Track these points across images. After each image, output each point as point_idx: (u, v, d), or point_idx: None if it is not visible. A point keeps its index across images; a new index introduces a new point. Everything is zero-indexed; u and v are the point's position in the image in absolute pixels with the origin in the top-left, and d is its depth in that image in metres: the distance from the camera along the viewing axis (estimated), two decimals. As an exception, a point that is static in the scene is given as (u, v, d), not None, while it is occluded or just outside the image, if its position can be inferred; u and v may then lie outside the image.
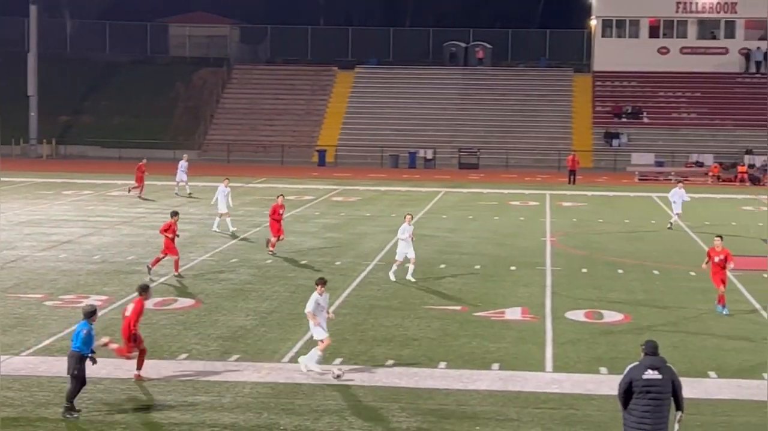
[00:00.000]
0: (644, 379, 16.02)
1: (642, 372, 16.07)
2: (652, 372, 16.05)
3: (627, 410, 16.19)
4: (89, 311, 20.13)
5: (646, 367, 16.10)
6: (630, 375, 16.17)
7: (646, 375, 16.03)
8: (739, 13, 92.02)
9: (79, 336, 19.62)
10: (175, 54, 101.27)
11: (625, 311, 28.92)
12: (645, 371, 16.07)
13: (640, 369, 16.14)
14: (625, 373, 16.29)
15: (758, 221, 50.70)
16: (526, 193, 62.58)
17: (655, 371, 16.07)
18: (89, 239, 41.39)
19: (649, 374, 16.04)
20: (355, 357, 23.94)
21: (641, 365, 16.19)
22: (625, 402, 16.19)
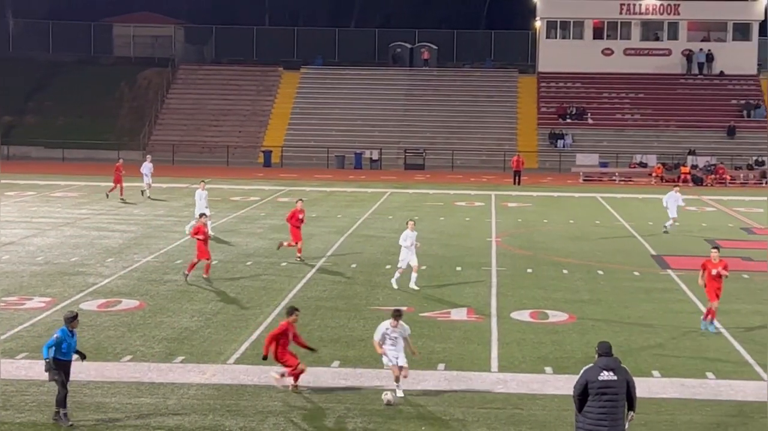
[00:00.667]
0: (600, 380, 15.97)
1: (597, 374, 16.03)
2: (608, 373, 16.02)
3: (582, 412, 16.11)
4: (69, 316, 19.59)
5: (601, 368, 16.06)
6: (585, 376, 16.12)
7: (601, 377, 15.99)
8: (681, 15, 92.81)
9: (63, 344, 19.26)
10: (119, 54, 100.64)
11: (569, 311, 29.07)
12: (600, 372, 16.03)
13: (595, 370, 16.10)
14: (580, 375, 16.25)
15: (701, 222, 51.15)
16: (472, 194, 62.76)
17: (610, 372, 16.03)
18: (32, 240, 41.04)
19: (605, 375, 16.00)
20: (301, 358, 23.84)
21: (596, 366, 16.15)
22: (581, 405, 16.13)
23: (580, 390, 16.11)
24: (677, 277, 34.96)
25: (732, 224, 50.66)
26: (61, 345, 19.16)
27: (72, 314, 19.70)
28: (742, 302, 31.06)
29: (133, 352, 24.14)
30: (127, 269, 34.86)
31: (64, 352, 19.19)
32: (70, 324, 19.38)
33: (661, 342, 25.86)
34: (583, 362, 23.73)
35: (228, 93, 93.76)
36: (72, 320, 19.48)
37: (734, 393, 21.78)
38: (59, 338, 19.15)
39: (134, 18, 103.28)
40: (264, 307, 29.21)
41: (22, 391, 21.01)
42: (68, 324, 19.36)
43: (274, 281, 33.10)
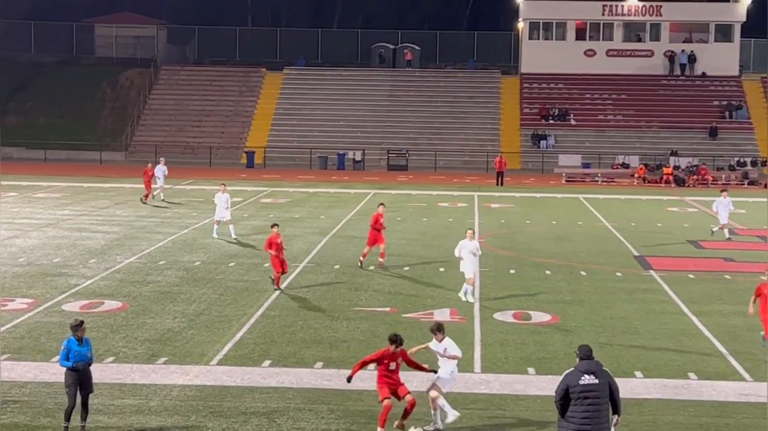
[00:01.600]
0: (581, 385, 15.85)
1: (578, 378, 15.92)
2: (589, 377, 15.92)
3: (565, 418, 15.98)
4: (73, 324, 18.93)
5: (582, 372, 15.96)
6: (566, 381, 16.00)
7: (583, 381, 15.88)
8: (664, 16, 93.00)
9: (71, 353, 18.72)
10: (101, 54, 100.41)
11: (552, 312, 29.12)
12: (581, 376, 15.92)
13: (576, 374, 15.99)
14: (561, 380, 16.13)
15: (683, 222, 51.28)
16: (455, 194, 62.80)
17: (592, 375, 15.93)
18: (14, 241, 40.92)
19: (586, 379, 15.89)
20: (284, 359, 23.88)
21: (577, 370, 16.05)
22: (563, 410, 16.00)
23: (562, 394, 15.99)
24: (659, 278, 35.05)
25: (714, 225, 50.74)
26: (68, 354, 18.61)
27: (76, 321, 19.01)
28: (724, 303, 31.15)
29: (116, 353, 24.10)
30: (109, 270, 34.80)
31: (75, 361, 18.59)
32: (75, 332, 18.73)
33: (643, 343, 25.92)
34: (566, 362, 23.81)
35: (210, 94, 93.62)
36: (77, 327, 18.79)
37: (716, 394, 21.84)
38: (66, 347, 18.64)
39: (116, 18, 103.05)
40: (247, 308, 29.18)
41: (3, 392, 20.94)
42: (74, 333, 18.73)
43: (257, 283, 33.07)
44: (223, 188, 43.83)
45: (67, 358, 18.58)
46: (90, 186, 63.51)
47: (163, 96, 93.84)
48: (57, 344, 24.63)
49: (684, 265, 38.09)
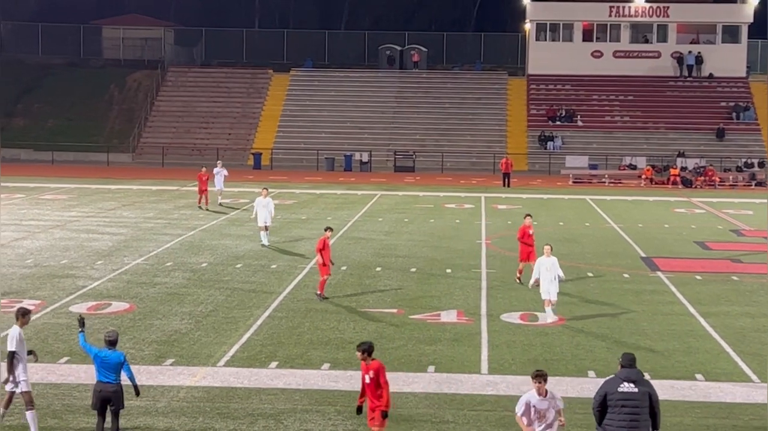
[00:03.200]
0: (620, 392, 15.63)
1: (617, 385, 15.70)
2: (628, 385, 15.68)
3: (601, 425, 15.79)
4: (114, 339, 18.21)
5: (622, 380, 15.73)
6: (605, 388, 15.80)
7: (621, 388, 15.66)
8: (671, 17, 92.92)
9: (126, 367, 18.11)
10: (108, 56, 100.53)
11: (559, 314, 29.07)
12: (620, 384, 15.70)
13: (615, 382, 15.77)
14: (600, 386, 15.96)
15: (691, 224, 51.22)
16: (462, 196, 62.78)
17: (632, 384, 15.69)
18: (22, 243, 40.98)
19: (625, 387, 15.67)
20: (291, 360, 23.89)
21: (616, 378, 15.82)
22: (600, 417, 15.81)
23: (600, 401, 15.79)
24: (667, 279, 35.02)
25: (721, 226, 50.73)
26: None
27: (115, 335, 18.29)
28: (732, 304, 31.11)
29: (123, 355, 24.09)
30: (116, 271, 34.84)
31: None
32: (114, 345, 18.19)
33: (650, 344, 25.89)
34: (573, 364, 23.83)
35: (218, 95, 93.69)
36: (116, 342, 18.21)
37: (723, 395, 21.82)
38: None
39: (124, 20, 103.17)
40: (254, 309, 29.19)
41: (11, 394, 20.95)
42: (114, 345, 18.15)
43: (264, 284, 33.09)
44: (265, 192, 42.19)
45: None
46: (97, 188, 63.58)
47: (171, 98, 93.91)
48: (64, 345, 24.73)
49: (691, 266, 38.05)
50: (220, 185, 55.22)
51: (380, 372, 17.46)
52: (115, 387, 18.01)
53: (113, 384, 18.01)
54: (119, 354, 18.11)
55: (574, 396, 21.51)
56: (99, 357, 18.05)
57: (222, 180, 55.42)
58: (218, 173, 55.35)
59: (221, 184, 55.33)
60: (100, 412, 18.04)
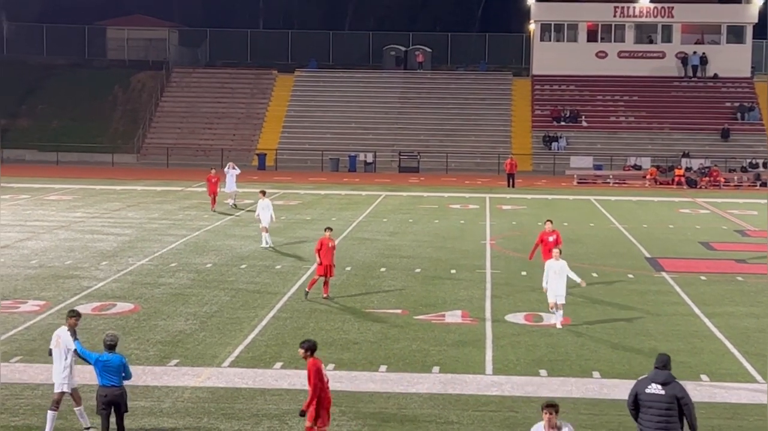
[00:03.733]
0: (647, 393, 15.78)
1: (646, 386, 15.85)
2: (656, 386, 15.78)
3: (638, 422, 15.99)
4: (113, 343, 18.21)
5: (651, 381, 15.86)
6: (636, 387, 15.98)
7: (649, 390, 15.79)
8: (675, 17, 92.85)
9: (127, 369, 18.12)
10: (113, 57, 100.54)
11: (564, 314, 29.05)
12: (649, 385, 15.83)
13: (645, 382, 15.93)
14: (633, 386, 16.13)
15: (695, 224, 51.19)
16: (466, 196, 62.76)
17: (659, 386, 15.78)
18: (26, 243, 41.01)
19: (653, 388, 15.79)
20: (296, 361, 23.86)
21: (647, 378, 15.97)
22: (635, 414, 16.00)
23: (632, 400, 15.98)
24: (671, 279, 35.00)
25: (726, 227, 50.70)
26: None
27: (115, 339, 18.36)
28: (736, 305, 31.09)
29: (128, 355, 24.00)
30: (121, 272, 34.86)
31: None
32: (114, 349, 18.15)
33: (655, 345, 25.86)
34: (578, 364, 23.83)
35: (222, 96, 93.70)
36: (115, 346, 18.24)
37: (728, 396, 21.80)
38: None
39: (128, 21, 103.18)
40: (259, 310, 29.20)
41: (16, 395, 21.00)
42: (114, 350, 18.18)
43: (268, 285, 33.10)
44: (263, 194, 41.86)
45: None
46: (102, 188, 63.61)
47: (175, 98, 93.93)
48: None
49: (696, 267, 38.03)
50: (232, 186, 53.94)
51: (311, 372, 17.56)
52: (119, 390, 18.04)
53: (118, 388, 18.03)
54: (120, 357, 18.12)
55: (579, 397, 21.52)
56: (100, 362, 18.05)
57: (233, 181, 54.13)
58: (230, 174, 54.26)
59: (233, 185, 53.99)
60: (105, 415, 18.01)
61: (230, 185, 53.97)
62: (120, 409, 18.02)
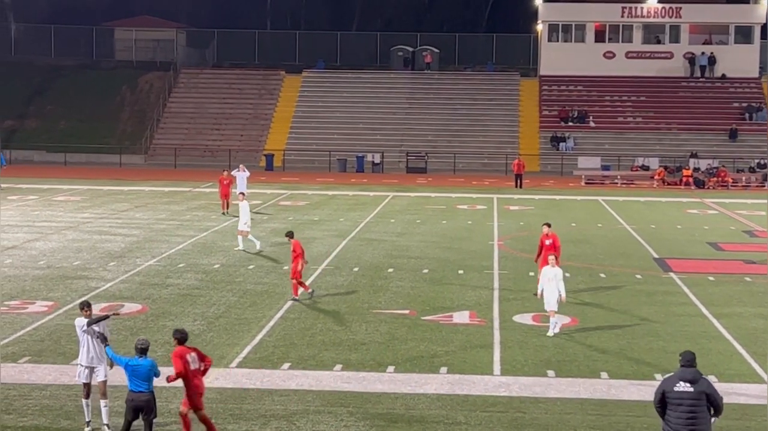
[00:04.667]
0: (676, 391, 15.77)
1: (674, 384, 15.83)
2: (684, 384, 15.78)
3: (664, 420, 15.99)
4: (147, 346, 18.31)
5: (679, 379, 15.85)
6: (663, 386, 15.97)
7: (677, 388, 15.78)
8: (683, 18, 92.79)
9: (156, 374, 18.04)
10: (120, 58, 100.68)
11: (572, 314, 29.05)
12: (677, 383, 15.82)
13: (672, 380, 15.91)
14: (659, 384, 16.13)
15: (703, 224, 51.14)
16: (474, 197, 62.74)
17: (687, 383, 15.79)
18: (34, 244, 41.05)
19: (681, 386, 15.78)
20: (304, 361, 23.89)
21: (674, 376, 15.96)
22: (662, 413, 16.00)
23: (659, 398, 15.98)
24: (679, 280, 34.96)
25: (734, 227, 50.64)
26: None
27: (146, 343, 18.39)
28: (744, 305, 31.05)
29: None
30: (129, 273, 34.88)
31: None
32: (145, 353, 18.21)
33: (663, 345, 25.85)
34: (586, 365, 23.80)
35: (230, 97, 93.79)
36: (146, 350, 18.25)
37: (737, 396, 21.76)
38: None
39: (136, 22, 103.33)
40: (266, 311, 29.21)
41: (24, 395, 21.02)
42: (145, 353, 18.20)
43: (276, 285, 33.10)
44: (242, 197, 41.90)
45: None
46: (110, 189, 63.69)
47: (183, 99, 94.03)
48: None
49: (704, 267, 37.99)
50: (242, 188, 52.74)
51: (173, 358, 18.41)
52: (147, 396, 18.00)
53: (146, 393, 18.00)
54: (150, 362, 18.07)
55: (587, 398, 21.49)
56: (130, 367, 18.06)
57: (244, 183, 53.70)
58: (240, 176, 53.86)
59: (244, 187, 53.17)
60: (127, 420, 18.06)
61: (241, 188, 52.98)
62: (147, 415, 17.97)
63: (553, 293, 27.08)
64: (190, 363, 18.39)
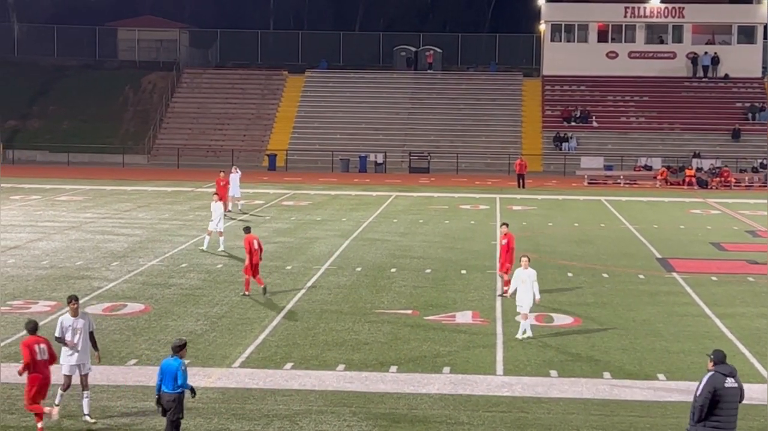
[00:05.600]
0: (727, 388, 15.79)
1: (723, 381, 15.83)
2: (731, 380, 15.86)
3: (712, 418, 15.82)
4: (180, 344, 18.16)
5: (725, 375, 15.87)
6: (713, 384, 15.85)
7: (727, 384, 15.81)
8: (686, 17, 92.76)
9: (180, 376, 17.83)
10: (124, 58, 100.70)
11: (574, 315, 29.06)
12: (725, 379, 15.83)
13: (720, 378, 15.87)
14: (705, 383, 15.96)
15: (706, 224, 51.11)
16: (477, 197, 62.73)
17: (733, 379, 15.89)
18: (37, 244, 41.07)
19: (729, 382, 15.83)
20: (306, 361, 23.90)
21: (719, 374, 15.92)
22: (706, 413, 15.83)
23: (708, 397, 15.83)
24: (682, 280, 34.95)
25: (737, 227, 50.62)
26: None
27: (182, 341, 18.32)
28: (747, 305, 31.04)
29: (139, 356, 24.15)
30: (132, 272, 34.90)
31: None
32: (180, 352, 18.06)
33: (666, 345, 25.85)
34: (588, 365, 23.78)
35: (232, 97, 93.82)
36: (182, 348, 18.14)
37: (740, 396, 21.73)
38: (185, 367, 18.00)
39: (139, 22, 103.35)
40: (269, 311, 29.22)
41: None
42: (179, 353, 18.05)
43: (279, 285, 33.10)
44: (216, 197, 41.50)
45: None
46: (113, 189, 63.71)
47: (186, 99, 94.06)
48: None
49: (707, 267, 37.98)
50: (234, 190, 52.66)
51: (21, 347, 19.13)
52: (170, 396, 17.95)
53: (170, 394, 17.94)
54: (177, 363, 17.97)
55: (590, 398, 21.49)
56: (161, 367, 18.07)
57: (236, 185, 52.80)
58: (234, 178, 52.79)
59: (237, 188, 52.79)
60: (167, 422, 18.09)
61: (234, 189, 52.51)
62: (172, 414, 17.93)
63: (526, 295, 26.45)
64: (38, 353, 18.90)
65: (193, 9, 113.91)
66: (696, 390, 16.21)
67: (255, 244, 31.27)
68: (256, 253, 31.13)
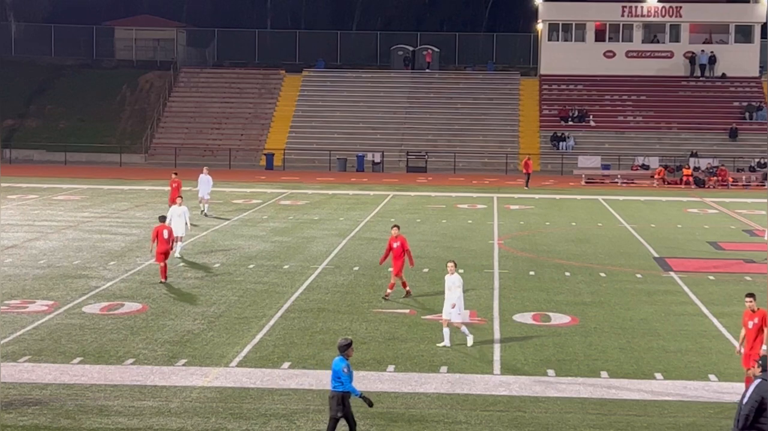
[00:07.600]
0: None
1: None
2: None
3: (757, 425, 15.55)
4: (344, 344, 17.98)
5: None
6: (761, 392, 15.54)
7: None
8: (684, 17, 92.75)
9: (341, 375, 17.75)
10: (121, 57, 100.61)
11: (572, 314, 29.07)
12: None
13: (767, 386, 15.55)
14: (754, 390, 15.66)
15: (703, 224, 51.13)
16: (474, 196, 62.73)
17: None
18: (35, 243, 41.05)
19: None
20: (303, 360, 23.90)
21: (766, 382, 15.59)
22: (752, 422, 15.58)
23: (757, 406, 15.56)
24: (680, 279, 34.97)
25: (734, 226, 50.65)
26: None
27: (347, 341, 18.07)
28: (745, 305, 30.97)
29: (136, 355, 24.15)
30: (129, 272, 34.89)
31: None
32: (345, 351, 17.95)
33: (663, 345, 25.86)
34: (586, 364, 23.80)
35: (230, 96, 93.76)
36: (348, 347, 17.98)
37: (737, 396, 21.70)
38: (348, 367, 17.90)
39: (136, 21, 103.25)
40: (266, 310, 29.21)
41: (24, 394, 21.02)
42: (344, 352, 17.94)
43: (276, 285, 33.11)
44: (180, 200, 40.13)
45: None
46: (110, 188, 63.67)
47: (183, 98, 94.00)
48: (77, 346, 24.75)
49: (704, 266, 37.99)
50: (204, 192, 50.61)
51: None
52: (332, 393, 17.89)
53: (331, 391, 17.92)
54: (337, 361, 17.85)
55: (587, 397, 21.51)
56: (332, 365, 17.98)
57: (205, 186, 50.56)
58: (202, 179, 50.56)
59: (207, 190, 50.66)
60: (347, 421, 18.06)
61: (203, 191, 50.76)
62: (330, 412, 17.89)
63: (449, 302, 25.49)
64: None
65: (191, 8, 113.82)
66: (742, 397, 15.94)
67: (165, 233, 32.72)
68: (164, 242, 32.57)
